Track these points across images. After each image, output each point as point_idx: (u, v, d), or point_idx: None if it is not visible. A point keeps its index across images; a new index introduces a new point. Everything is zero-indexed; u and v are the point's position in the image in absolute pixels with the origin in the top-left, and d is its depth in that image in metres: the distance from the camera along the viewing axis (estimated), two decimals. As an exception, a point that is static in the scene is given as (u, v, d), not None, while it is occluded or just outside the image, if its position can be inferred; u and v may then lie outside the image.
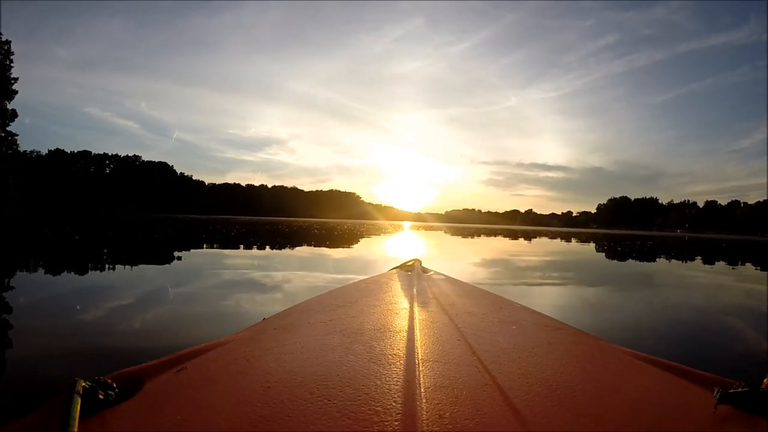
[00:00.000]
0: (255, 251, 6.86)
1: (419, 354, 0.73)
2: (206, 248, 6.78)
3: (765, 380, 0.58)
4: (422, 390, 0.58)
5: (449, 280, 1.76)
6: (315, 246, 8.52)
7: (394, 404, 0.54)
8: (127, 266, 4.15)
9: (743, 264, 7.90)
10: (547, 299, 3.30)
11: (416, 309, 1.07)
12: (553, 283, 4.20)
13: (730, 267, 7.20)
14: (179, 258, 5.14)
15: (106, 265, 4.23)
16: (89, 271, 3.84)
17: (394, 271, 1.90)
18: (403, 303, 1.18)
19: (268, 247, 7.91)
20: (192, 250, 6.37)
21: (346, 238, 11.66)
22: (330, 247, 8.13)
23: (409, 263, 2.02)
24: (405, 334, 0.85)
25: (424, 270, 1.93)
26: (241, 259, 5.53)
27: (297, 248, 7.72)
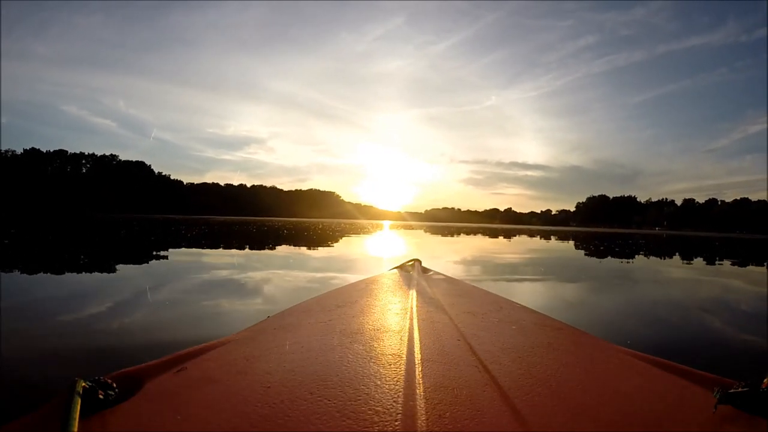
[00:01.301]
0: (188, 257, 5.78)
1: (419, 354, 0.73)
2: (135, 255, 5.75)
3: (765, 380, 0.58)
4: (422, 390, 0.58)
5: (449, 280, 1.76)
6: (269, 249, 7.54)
7: (394, 404, 0.54)
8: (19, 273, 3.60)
9: (742, 264, 7.86)
10: (539, 298, 3.30)
11: (416, 309, 1.07)
12: (538, 281, 4.20)
13: (734, 267, 7.14)
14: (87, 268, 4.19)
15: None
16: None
17: (394, 271, 1.90)
18: (403, 303, 1.18)
19: (207, 247, 7.18)
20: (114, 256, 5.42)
21: (315, 240, 10.55)
22: (287, 251, 7.16)
23: (409, 263, 2.02)
24: (405, 334, 0.85)
25: (424, 270, 1.93)
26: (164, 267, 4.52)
27: (236, 250, 6.91)
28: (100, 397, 0.56)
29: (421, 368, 0.66)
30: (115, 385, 0.60)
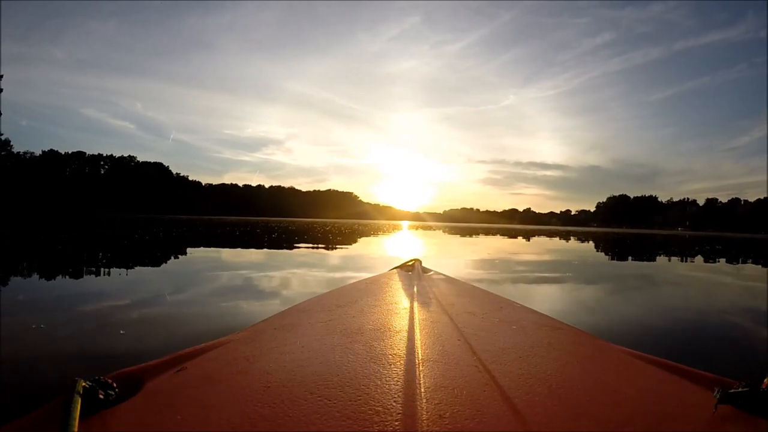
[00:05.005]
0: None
1: (419, 354, 0.73)
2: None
3: (765, 380, 0.58)
4: (422, 390, 0.58)
5: (449, 280, 1.76)
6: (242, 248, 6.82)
7: (394, 404, 0.54)
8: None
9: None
10: (546, 298, 3.30)
11: (416, 309, 1.07)
12: (552, 282, 4.19)
13: (756, 264, 6.88)
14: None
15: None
16: None
17: (395, 271, 1.90)
18: (403, 303, 1.18)
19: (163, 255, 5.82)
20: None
21: (313, 239, 9.66)
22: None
23: (410, 263, 2.02)
24: (405, 334, 0.85)
25: (425, 270, 1.93)
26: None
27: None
28: (101, 396, 0.56)
29: (422, 368, 0.66)
30: (115, 385, 0.60)
